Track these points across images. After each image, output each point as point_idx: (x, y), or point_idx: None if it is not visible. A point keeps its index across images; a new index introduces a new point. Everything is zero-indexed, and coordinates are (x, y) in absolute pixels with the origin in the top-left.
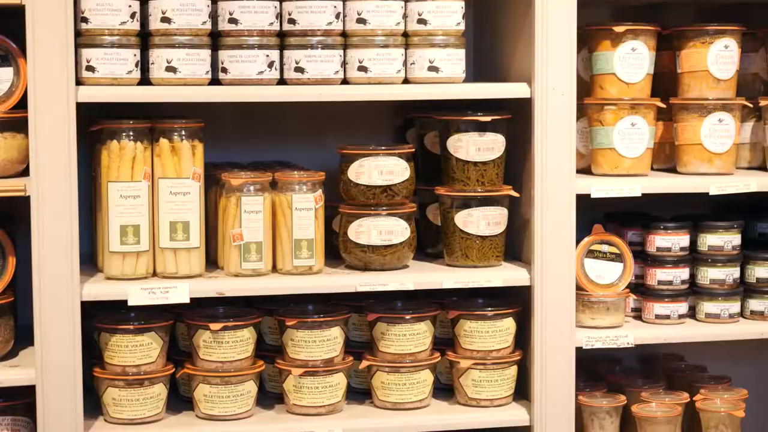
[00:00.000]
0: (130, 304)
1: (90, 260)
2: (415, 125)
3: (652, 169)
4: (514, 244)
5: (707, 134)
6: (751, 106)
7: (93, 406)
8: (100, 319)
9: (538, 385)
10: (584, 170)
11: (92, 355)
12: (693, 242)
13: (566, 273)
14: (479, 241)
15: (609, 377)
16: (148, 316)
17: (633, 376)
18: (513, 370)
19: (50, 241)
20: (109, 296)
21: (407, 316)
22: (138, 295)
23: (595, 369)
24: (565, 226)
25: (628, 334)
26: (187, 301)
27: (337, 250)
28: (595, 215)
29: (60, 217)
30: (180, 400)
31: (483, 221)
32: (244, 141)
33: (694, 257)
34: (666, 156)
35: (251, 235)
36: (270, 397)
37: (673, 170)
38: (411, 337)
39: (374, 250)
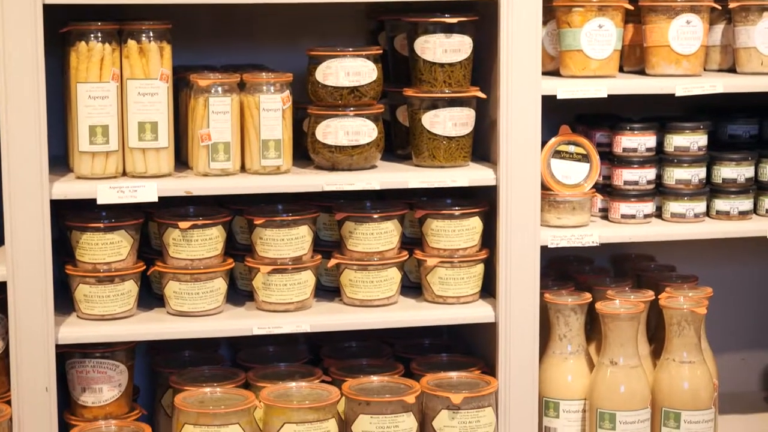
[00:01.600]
0: (99, 202)
1: (64, 162)
2: (386, 28)
3: (622, 71)
4: (483, 146)
5: (675, 36)
6: (719, 8)
7: (67, 303)
8: (71, 217)
9: (503, 283)
10: (554, 72)
11: (67, 253)
12: (660, 143)
13: (531, 173)
14: (446, 142)
15: (578, 277)
16: (119, 215)
17: (602, 275)
18: (479, 269)
19: (19, 141)
20: (79, 195)
21: (375, 215)
22: (107, 193)
23: (566, 269)
24: (531, 126)
25: (593, 233)
26: (156, 199)
27: (307, 151)
28: (565, 117)
29: (28, 117)
30: (152, 297)
31: (450, 122)
32: (218, 45)
33: (660, 158)
34: (637, 59)
35: (219, 136)
36: (242, 294)
37: (643, 73)
38: (378, 235)
39: (341, 151)
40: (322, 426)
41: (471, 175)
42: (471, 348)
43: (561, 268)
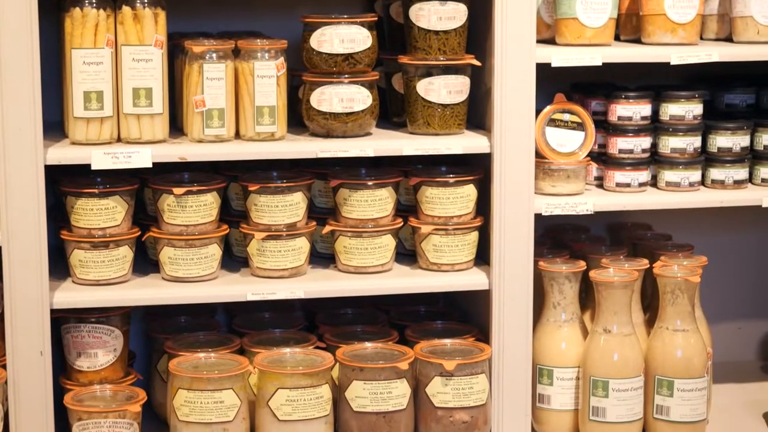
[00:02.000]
0: (93, 168)
1: (61, 128)
2: None
3: (618, 40)
4: (478, 114)
5: (671, 4)
6: None
7: (63, 268)
8: (66, 183)
9: (496, 250)
10: (550, 41)
11: (63, 219)
12: (656, 112)
13: (525, 140)
14: (441, 110)
15: (574, 245)
16: (114, 181)
17: (597, 244)
18: (474, 236)
19: (13, 106)
20: (73, 160)
21: (369, 182)
22: (101, 159)
23: (562, 238)
24: (525, 94)
25: (588, 201)
26: (150, 165)
27: (302, 118)
28: (562, 86)
29: (22, 82)
30: (148, 263)
31: (444, 90)
32: (215, 12)
33: (655, 126)
34: (633, 27)
35: (213, 102)
36: (237, 261)
37: (639, 41)
38: (373, 202)
39: (336, 118)
40: (315, 392)
41: (465, 142)
42: (466, 315)
43: (557, 236)
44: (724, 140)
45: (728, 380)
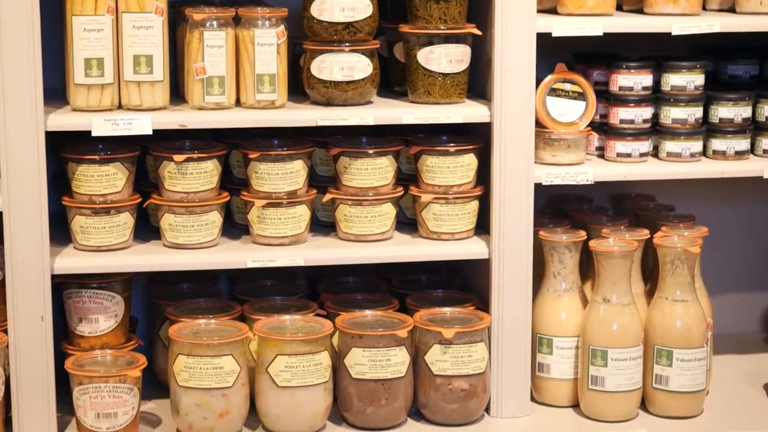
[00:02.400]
0: (93, 134)
1: (63, 95)
2: None
3: (621, 10)
4: (480, 83)
5: None
6: None
7: (66, 235)
8: (67, 149)
9: (496, 219)
10: (552, 11)
11: (66, 186)
12: (658, 82)
13: (525, 110)
14: (441, 79)
15: (576, 215)
16: (115, 148)
17: (599, 214)
18: (474, 205)
19: (14, 72)
20: (73, 127)
21: (369, 151)
22: (101, 126)
23: (564, 208)
24: (525, 64)
25: (588, 171)
26: (150, 132)
27: (304, 87)
28: (565, 56)
29: (23, 48)
30: (150, 230)
31: (445, 59)
32: None
33: (657, 97)
34: None
35: (214, 70)
36: (239, 228)
37: (642, 11)
38: (373, 171)
39: (336, 86)
40: (314, 358)
41: (465, 111)
42: (468, 285)
43: (559, 207)
44: (726, 111)
45: (731, 351)
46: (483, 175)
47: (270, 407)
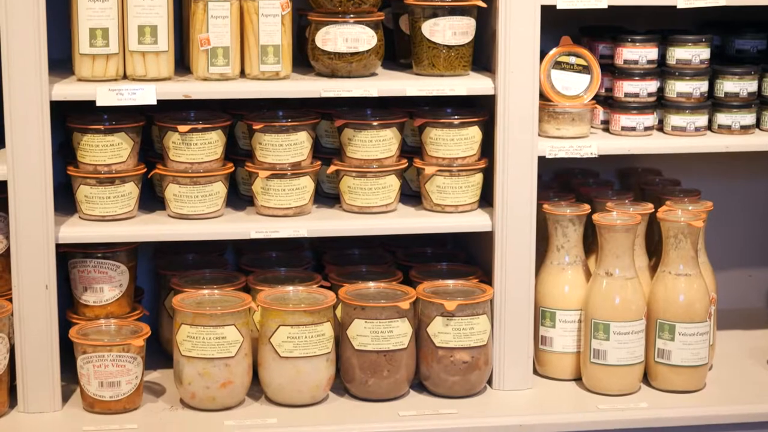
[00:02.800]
0: (97, 104)
1: (70, 66)
2: None
3: None
4: (485, 56)
5: None
6: None
7: (71, 205)
8: (73, 119)
9: (499, 192)
10: None
11: (72, 156)
12: (664, 56)
13: (529, 82)
14: (446, 51)
15: (582, 189)
16: (120, 118)
17: (605, 188)
18: (478, 178)
19: (19, 41)
20: (78, 96)
21: (374, 123)
22: (106, 96)
23: (570, 182)
24: (529, 36)
25: (592, 144)
26: (154, 102)
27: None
28: (571, 30)
29: (28, 17)
30: (156, 200)
31: (449, 31)
32: None
33: (662, 71)
34: None
35: (218, 40)
36: (244, 199)
37: None
38: (377, 143)
39: (341, 58)
40: (316, 329)
41: (469, 84)
42: (473, 258)
43: (566, 180)
44: (732, 85)
45: (736, 327)
46: (488, 148)
47: (272, 378)
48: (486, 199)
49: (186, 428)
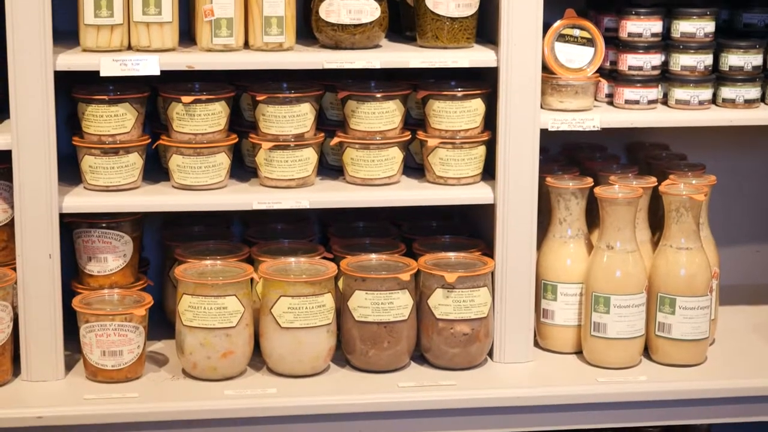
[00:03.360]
0: (101, 74)
1: (75, 38)
2: None
3: None
4: (489, 28)
5: None
6: None
7: (77, 176)
8: (78, 89)
9: (501, 164)
10: None
11: (78, 127)
12: (668, 29)
13: (532, 55)
14: (449, 23)
15: (587, 163)
16: (124, 88)
17: (610, 162)
18: (481, 150)
19: (23, 11)
20: (82, 67)
21: (377, 95)
22: (110, 66)
23: (576, 156)
24: (532, 8)
25: (595, 117)
26: (158, 73)
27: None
28: (576, 3)
29: None
30: (161, 171)
31: (453, 3)
32: None
33: (666, 44)
34: None
35: (222, 11)
36: (248, 171)
37: None
38: (380, 115)
39: (344, 29)
40: (317, 300)
41: (472, 56)
42: (478, 232)
43: (572, 154)
44: (736, 59)
45: (742, 302)
46: (491, 121)
47: (273, 348)
48: (489, 172)
49: (187, 397)
